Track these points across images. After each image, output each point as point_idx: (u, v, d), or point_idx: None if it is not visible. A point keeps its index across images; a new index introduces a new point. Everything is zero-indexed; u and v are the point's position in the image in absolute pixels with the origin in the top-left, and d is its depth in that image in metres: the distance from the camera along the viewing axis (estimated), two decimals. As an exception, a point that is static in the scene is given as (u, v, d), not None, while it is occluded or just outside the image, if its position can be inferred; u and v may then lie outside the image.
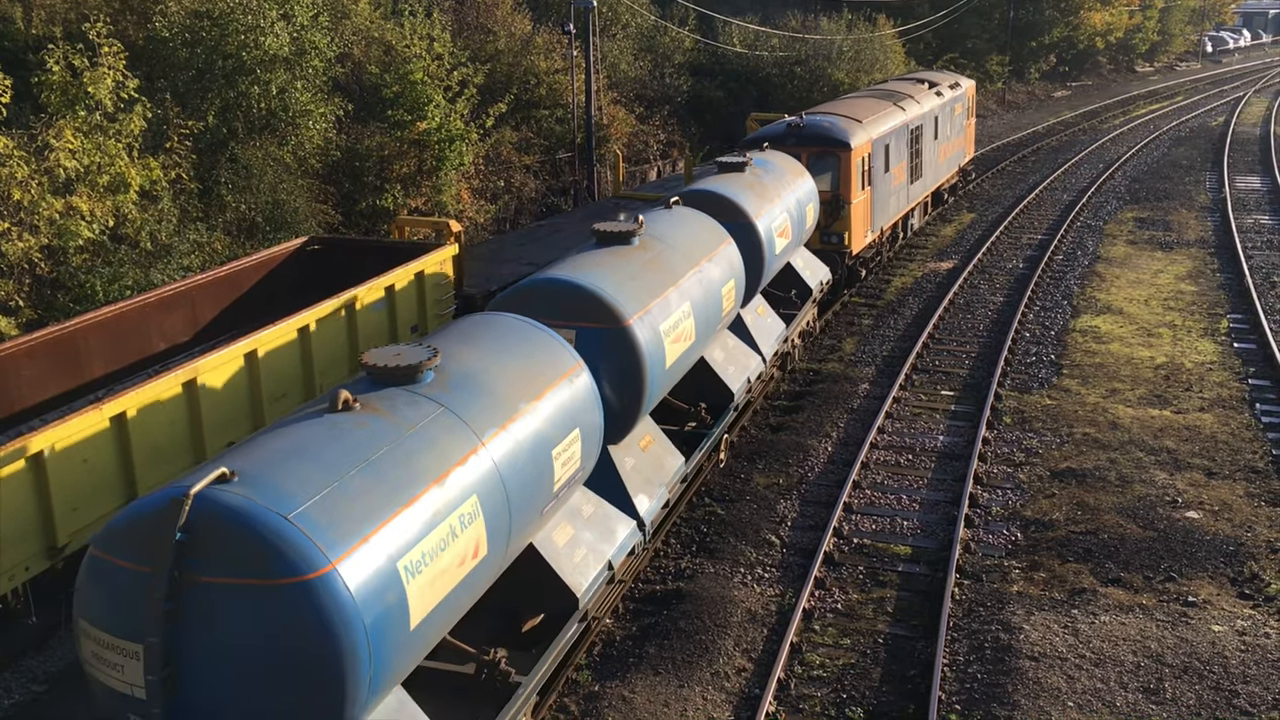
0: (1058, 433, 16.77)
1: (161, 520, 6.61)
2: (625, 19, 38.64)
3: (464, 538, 7.92)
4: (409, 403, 8.18)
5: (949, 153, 31.26)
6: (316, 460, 7.24)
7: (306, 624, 6.57)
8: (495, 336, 9.75)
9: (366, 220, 24.33)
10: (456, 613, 8.19)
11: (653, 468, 12.26)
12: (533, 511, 9.12)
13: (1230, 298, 23.55)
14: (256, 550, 6.58)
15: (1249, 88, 66.52)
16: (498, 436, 8.58)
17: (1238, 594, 12.49)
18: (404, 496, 7.43)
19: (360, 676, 6.78)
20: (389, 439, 7.73)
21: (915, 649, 11.58)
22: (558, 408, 9.51)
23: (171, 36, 20.34)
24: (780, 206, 17.61)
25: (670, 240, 13.48)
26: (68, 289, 16.25)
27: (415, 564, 7.32)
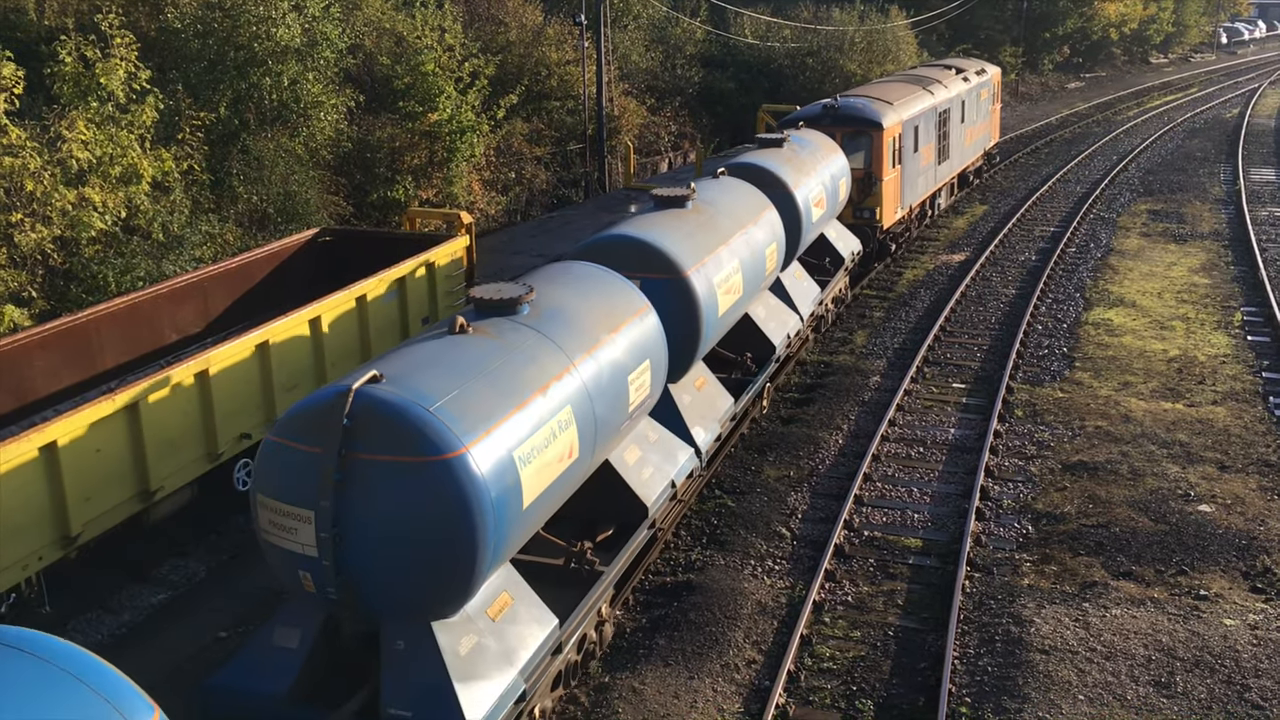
0: (1069, 426, 16.72)
1: (330, 410, 8.09)
2: (637, 10, 38.58)
3: (561, 439, 9.45)
4: (511, 329, 9.73)
5: (975, 136, 32.47)
6: (445, 368, 8.79)
7: (445, 494, 8.07)
8: (577, 280, 11.28)
9: (378, 212, 24.37)
10: (554, 504, 9.76)
11: (706, 405, 13.82)
12: (612, 428, 10.60)
13: (1244, 291, 23.43)
14: (406, 434, 8.06)
15: (1264, 79, 66.11)
16: (585, 360, 10.11)
17: (1250, 588, 12.44)
18: (515, 401, 8.98)
19: (486, 541, 8.27)
20: (500, 355, 9.29)
21: (926, 642, 11.56)
22: (631, 341, 11.01)
23: (183, 28, 20.37)
24: (816, 179, 19.09)
25: (719, 205, 14.96)
26: (80, 280, 16.31)
27: (526, 455, 8.87)
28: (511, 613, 9.12)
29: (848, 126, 23.33)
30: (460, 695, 8.21)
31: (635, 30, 38.28)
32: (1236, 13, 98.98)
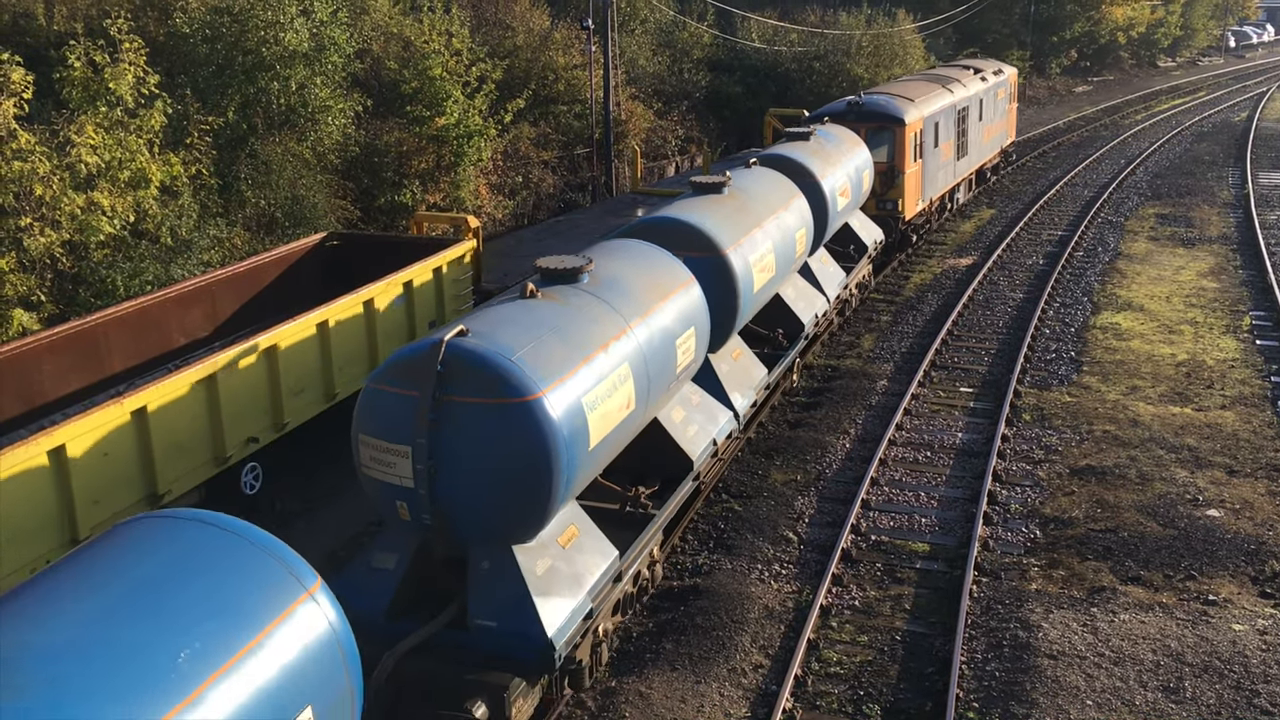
0: (1077, 430, 16.68)
1: (426, 359, 9.29)
2: (644, 14, 38.62)
3: (620, 392, 10.62)
4: (574, 295, 10.96)
5: (992, 134, 33.73)
6: (521, 326, 10.03)
7: (525, 432, 9.24)
8: (629, 254, 12.50)
9: (385, 216, 24.41)
10: (614, 450, 10.90)
11: (742, 374, 15.08)
12: (662, 386, 11.76)
13: (1253, 295, 23.37)
14: (492, 380, 9.25)
15: (1273, 83, 65.97)
16: (639, 324, 11.29)
17: (1259, 593, 12.40)
18: (582, 355, 10.14)
19: (559, 475, 9.42)
20: (566, 317, 10.45)
21: (933, 646, 11.54)
22: (679, 309, 12.17)
23: (192, 32, 20.44)
24: (841, 171, 20.24)
25: (753, 192, 16.27)
26: (89, 284, 16.36)
27: (591, 402, 9.99)
28: (578, 543, 10.30)
29: (871, 122, 24.39)
30: (539, 607, 9.42)
31: (642, 34, 38.33)
32: (1244, 16, 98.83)
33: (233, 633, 5.94)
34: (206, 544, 6.39)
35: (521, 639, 9.33)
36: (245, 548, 6.46)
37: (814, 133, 20.86)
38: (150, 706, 5.38)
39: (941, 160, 27.78)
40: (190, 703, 5.51)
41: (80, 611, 5.73)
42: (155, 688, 5.47)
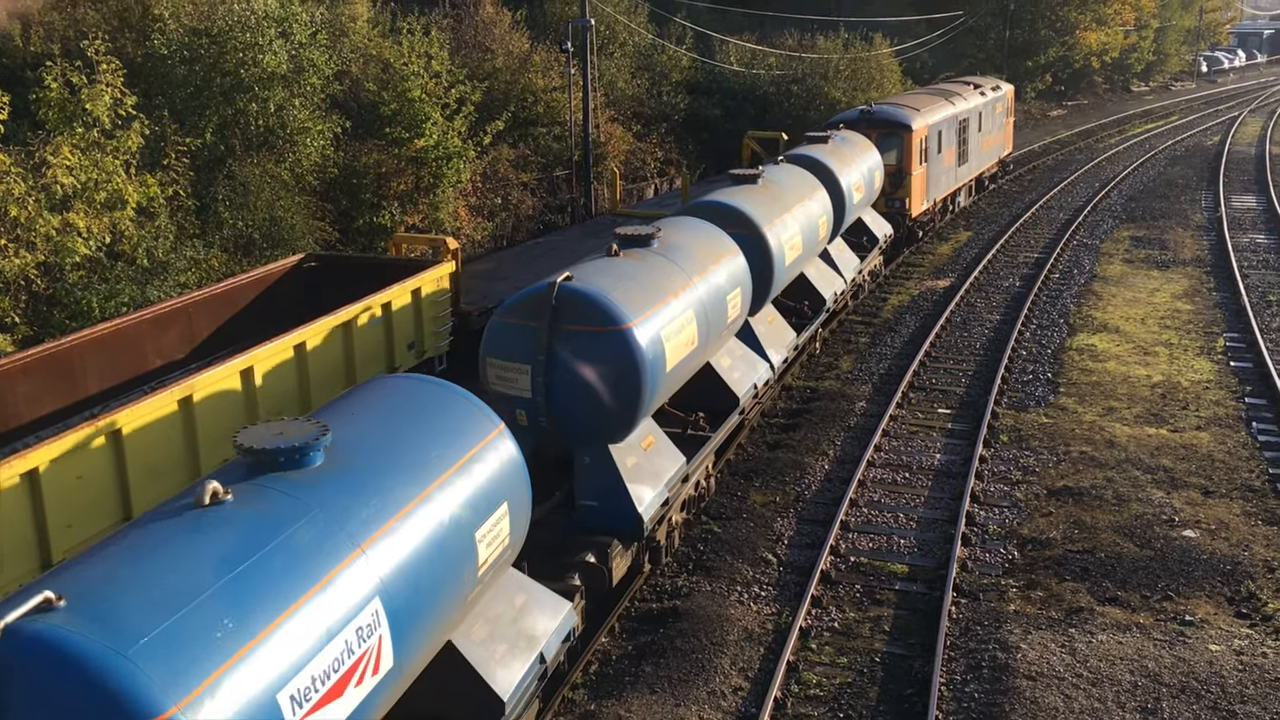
0: (1054, 451, 16.76)
1: (543, 297, 11.82)
2: (623, 37, 38.78)
3: (687, 330, 13.19)
4: (648, 255, 13.48)
5: (990, 144, 36.99)
6: (612, 275, 12.57)
7: (621, 354, 11.74)
8: (688, 227, 15.15)
9: (364, 237, 24.35)
10: (682, 378, 13.52)
11: (776, 335, 17.87)
12: (716, 332, 14.36)
13: (1226, 316, 23.60)
14: (595, 312, 11.82)
15: (1244, 107, 66.81)
16: (699, 280, 13.87)
17: (1235, 613, 12.46)
18: (658, 299, 12.71)
19: (645, 389, 11.94)
20: (644, 270, 13.03)
21: (912, 668, 11.54)
22: (728, 272, 14.83)
23: (170, 54, 20.38)
24: (856, 169, 23.14)
25: (783, 184, 19.19)
26: (64, 305, 16.23)
27: (667, 335, 12.54)
28: (656, 449, 12.93)
29: (882, 128, 27.17)
30: (630, 491, 12.03)
31: (621, 57, 38.47)
32: (1216, 42, 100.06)
33: (461, 445, 8.58)
34: (434, 391, 9.05)
35: (618, 514, 11.99)
36: (459, 398, 9.11)
37: (831, 137, 23.87)
38: (417, 483, 7.95)
39: (944, 165, 30.65)
40: (442, 482, 8.12)
41: (369, 419, 8.46)
42: (419, 471, 8.05)
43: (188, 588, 6.08)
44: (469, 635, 8.75)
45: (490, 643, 8.93)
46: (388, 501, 7.56)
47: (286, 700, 6.13)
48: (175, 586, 6.05)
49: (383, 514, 7.45)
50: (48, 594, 5.72)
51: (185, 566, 6.23)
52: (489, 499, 8.53)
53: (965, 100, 33.19)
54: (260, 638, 6.11)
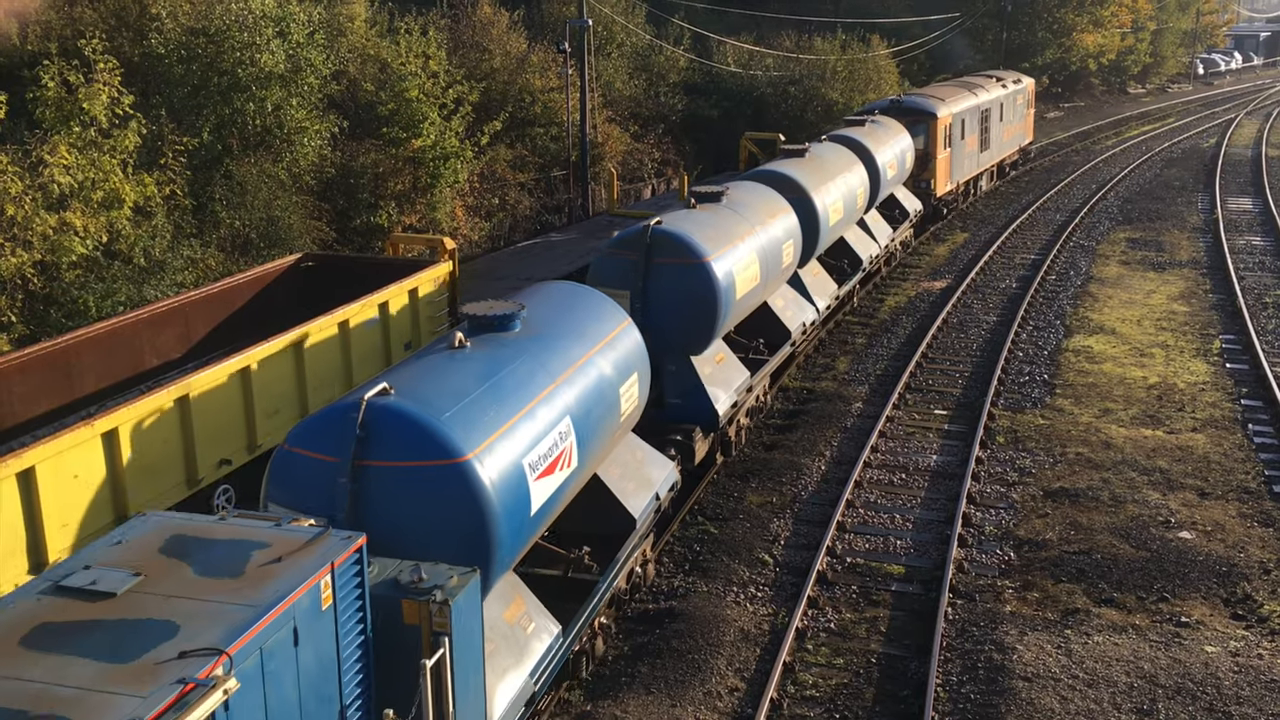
0: (1051, 452, 16.78)
1: (639, 236, 14.87)
2: (620, 38, 38.77)
3: (751, 269, 16.14)
4: (717, 208, 16.63)
5: (1011, 133, 40.25)
6: (690, 221, 15.60)
7: (705, 284, 14.72)
8: (749, 190, 18.36)
9: (361, 237, 24.34)
10: (745, 310, 16.41)
11: (821, 286, 21.18)
12: (771, 275, 17.22)
13: (1223, 318, 23.63)
14: (682, 249, 14.80)
15: (1240, 110, 66.91)
16: (760, 231, 16.87)
17: (1231, 615, 12.48)
18: (728, 242, 15.60)
19: (721, 312, 14.92)
20: (717, 218, 16.13)
21: (908, 669, 11.54)
22: (784, 226, 18.00)
23: (167, 53, 20.37)
24: (889, 150, 26.17)
25: (826, 159, 22.39)
26: (61, 305, 16.21)
27: (737, 270, 15.44)
28: (725, 363, 16.08)
29: (910, 116, 29.97)
30: (708, 391, 15.08)
31: (619, 58, 38.47)
32: (1213, 44, 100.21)
33: (605, 327, 11.65)
34: (584, 291, 12.38)
35: (699, 409, 14.95)
36: (601, 297, 12.29)
37: (867, 121, 27.08)
38: (581, 347, 10.95)
39: (967, 150, 33.95)
40: (597, 350, 11.15)
41: (543, 307, 11.46)
42: (582, 340, 11.06)
43: (462, 390, 9.23)
44: (609, 472, 11.79)
45: (623, 479, 11.99)
46: (566, 356, 10.64)
47: (526, 465, 9.28)
48: (455, 388, 9.21)
49: (565, 363, 10.55)
50: (384, 385, 8.86)
51: (457, 379, 9.41)
52: (625, 367, 11.65)
53: (988, 92, 36.38)
54: (509, 424, 9.27)
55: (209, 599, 6.17)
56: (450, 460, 8.41)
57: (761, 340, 17.91)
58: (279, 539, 6.87)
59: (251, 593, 6.24)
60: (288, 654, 6.29)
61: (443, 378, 9.37)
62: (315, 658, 6.55)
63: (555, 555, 11.18)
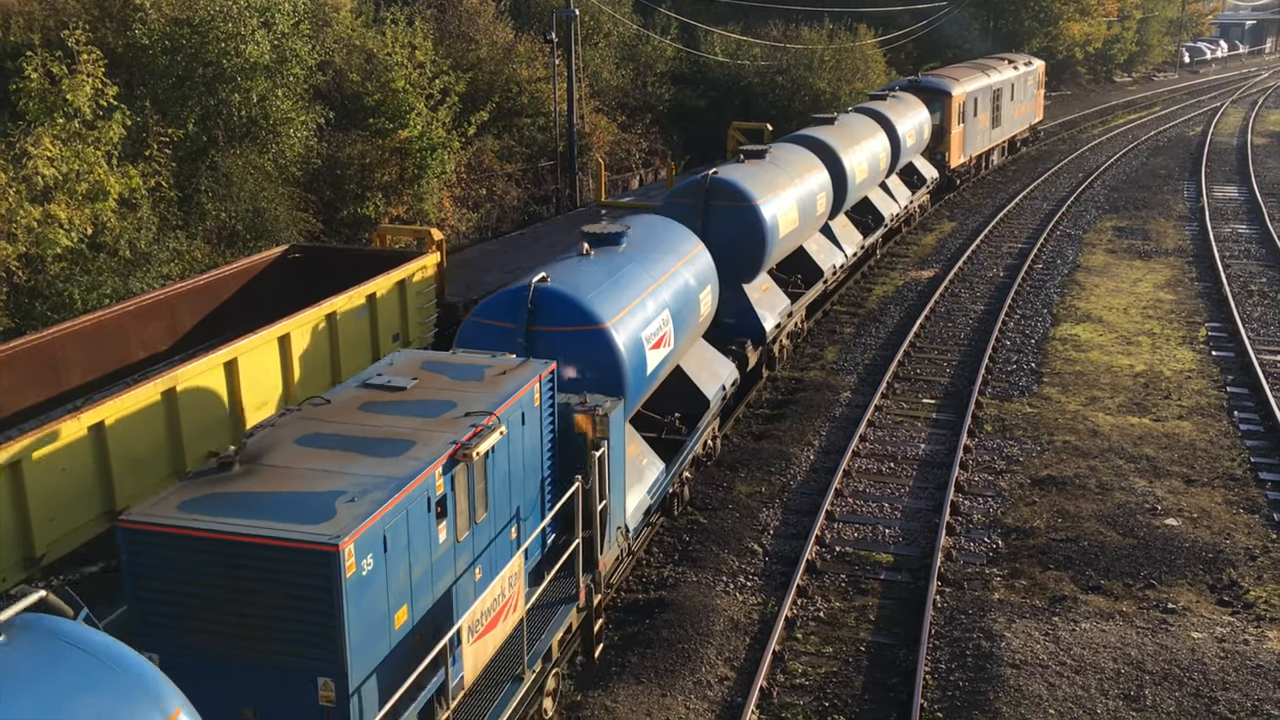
0: (1038, 440, 16.84)
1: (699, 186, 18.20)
2: (607, 28, 38.67)
3: (791, 214, 19.24)
4: (762, 161, 19.86)
5: (1022, 112, 43.58)
6: (739, 173, 18.65)
7: (754, 224, 17.93)
8: (788, 150, 21.56)
9: (348, 229, 24.27)
10: (787, 249, 19.80)
11: (848, 235, 24.53)
12: (807, 222, 20.51)
13: (1208, 306, 23.73)
14: (735, 194, 18.00)
15: (1226, 98, 67.10)
16: (797, 182, 20.10)
17: (1217, 601, 12.55)
18: (781, 184, 19.18)
19: (769, 248, 18.20)
20: (760, 172, 19.12)
21: (897, 657, 11.59)
22: (818, 181, 21.26)
23: (151, 44, 20.24)
24: (908, 121, 29.38)
25: (853, 127, 25.53)
26: (46, 298, 16.13)
27: (781, 213, 18.69)
28: (770, 292, 19.32)
29: (926, 94, 33.09)
30: (757, 311, 18.21)
31: (606, 48, 38.37)
32: (1199, 32, 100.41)
33: (686, 247, 14.74)
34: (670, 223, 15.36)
35: (749, 326, 18.14)
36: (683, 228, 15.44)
37: (889, 96, 30.34)
38: (672, 259, 14.04)
39: (979, 127, 37.24)
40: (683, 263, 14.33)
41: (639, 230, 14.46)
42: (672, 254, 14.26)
43: (596, 282, 12.46)
44: (688, 364, 14.86)
45: (698, 371, 15.11)
46: (662, 264, 13.72)
47: (645, 337, 12.50)
48: (591, 281, 12.46)
49: (661, 269, 13.63)
50: (544, 274, 12.12)
51: (591, 275, 12.65)
52: (703, 280, 14.74)
53: (1000, 73, 39.63)
54: (630, 307, 12.50)
55: (467, 392, 9.37)
56: (596, 326, 11.82)
57: (799, 276, 21.31)
58: (499, 363, 10.10)
59: (494, 388, 9.47)
60: (518, 430, 9.51)
61: (581, 273, 12.64)
62: (530, 438, 9.85)
63: (654, 422, 14.34)
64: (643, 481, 12.48)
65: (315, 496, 7.46)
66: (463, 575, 8.71)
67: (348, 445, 8.24)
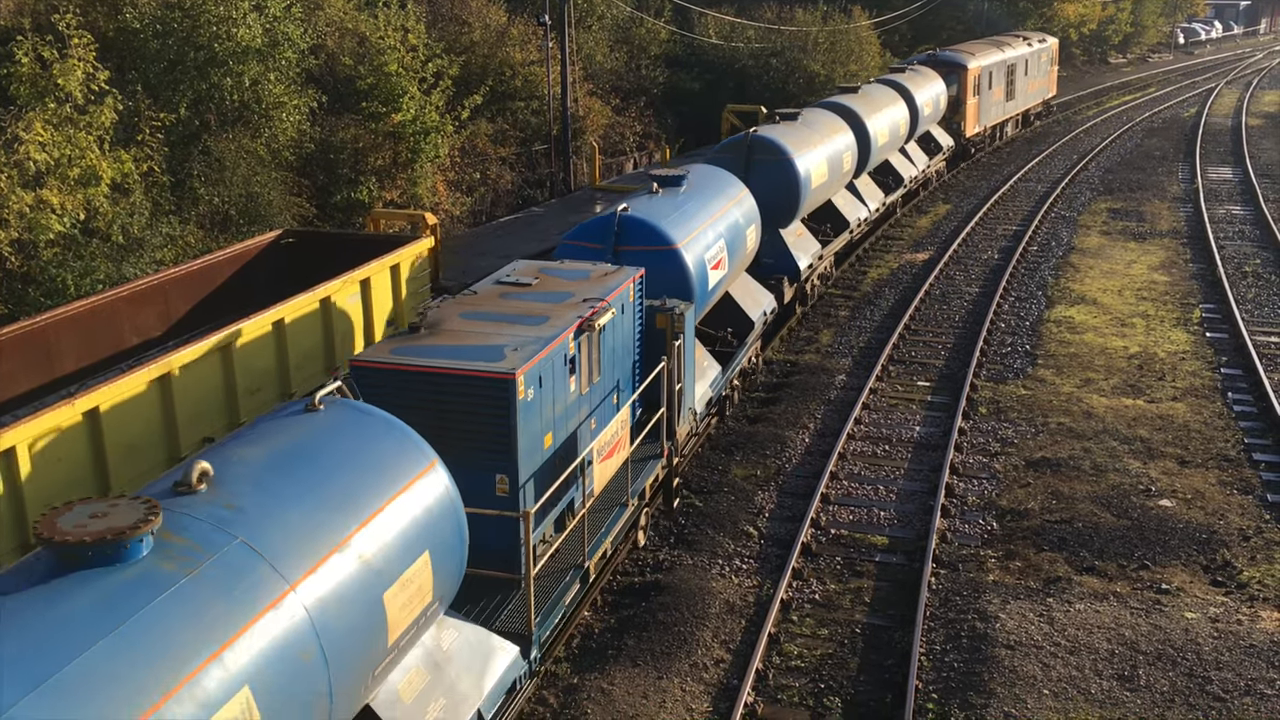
0: (1033, 423, 16.87)
1: (741, 143, 20.81)
2: (601, 10, 38.52)
3: (821, 167, 21.82)
4: (796, 125, 22.23)
5: (1035, 86, 46.22)
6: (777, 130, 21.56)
7: (789, 175, 20.54)
8: (818, 113, 24.35)
9: (341, 213, 24.21)
10: (818, 200, 21.88)
11: (871, 192, 26.93)
12: (835, 176, 23.13)
13: (1202, 288, 23.75)
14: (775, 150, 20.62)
15: (1220, 79, 67.01)
16: (827, 141, 22.57)
17: (1210, 581, 12.61)
18: (806, 146, 21.50)
19: (803, 197, 20.81)
20: (795, 130, 21.88)
21: (893, 639, 11.63)
22: (844, 142, 23.82)
23: (142, 28, 20.13)
24: (926, 92, 31.96)
25: (876, 97, 28.17)
26: (38, 283, 16.09)
27: (813, 166, 21.10)
28: (803, 236, 21.58)
29: (944, 68, 35.64)
30: (792, 252, 20.49)
31: (599, 30, 38.23)
32: (1193, 13, 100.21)
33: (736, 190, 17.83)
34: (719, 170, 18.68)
35: (785, 265, 20.35)
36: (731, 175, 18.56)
37: (907, 68, 33.30)
38: (722, 199, 17.16)
39: (994, 99, 39.81)
40: (734, 203, 17.27)
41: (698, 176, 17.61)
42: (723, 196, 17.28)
43: (665, 213, 15.09)
44: (735, 290, 17.36)
45: (744, 297, 17.63)
46: (716, 203, 16.58)
47: (706, 258, 15.21)
48: (662, 212, 15.12)
49: (716, 207, 16.44)
50: (625, 205, 14.84)
51: (660, 208, 15.28)
52: (748, 218, 17.57)
53: (1014, 49, 42.19)
54: (695, 233, 15.16)
55: (580, 286, 11.98)
56: (671, 246, 14.49)
57: (829, 225, 23.79)
58: (600, 268, 12.78)
59: (600, 284, 12.10)
60: (618, 319, 11.99)
61: (653, 206, 15.39)
62: (626, 327, 12.45)
63: (710, 336, 16.69)
64: (705, 378, 15.15)
65: (488, 347, 10.25)
66: (584, 422, 11.45)
67: (500, 318, 11.03)
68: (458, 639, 8.55)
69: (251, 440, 7.38)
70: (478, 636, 8.84)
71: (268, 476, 6.90)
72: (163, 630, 5.54)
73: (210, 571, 5.99)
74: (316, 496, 6.94)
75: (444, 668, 8.23)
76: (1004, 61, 40.27)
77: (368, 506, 7.16)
